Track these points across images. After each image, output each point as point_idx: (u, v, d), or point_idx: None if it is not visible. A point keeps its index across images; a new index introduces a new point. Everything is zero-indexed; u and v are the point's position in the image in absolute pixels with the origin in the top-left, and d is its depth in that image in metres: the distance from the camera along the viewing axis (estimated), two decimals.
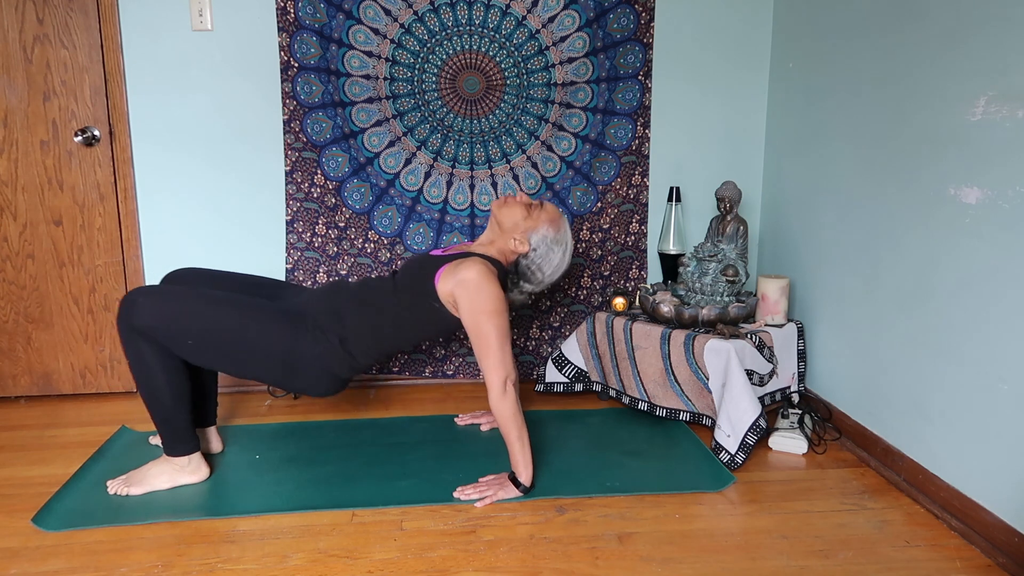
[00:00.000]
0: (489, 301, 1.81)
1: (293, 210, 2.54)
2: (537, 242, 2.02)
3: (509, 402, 1.81)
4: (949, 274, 1.76)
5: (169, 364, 1.79)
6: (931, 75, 1.81)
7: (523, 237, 2.01)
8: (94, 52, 2.41)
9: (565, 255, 2.07)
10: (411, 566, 1.57)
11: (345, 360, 1.91)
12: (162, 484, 1.88)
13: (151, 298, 1.77)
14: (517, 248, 2.01)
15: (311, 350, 1.86)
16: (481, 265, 1.85)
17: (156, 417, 1.84)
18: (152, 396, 1.81)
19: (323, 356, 1.88)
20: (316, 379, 1.91)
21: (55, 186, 2.48)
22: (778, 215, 2.64)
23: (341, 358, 1.90)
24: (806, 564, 1.58)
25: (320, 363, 1.88)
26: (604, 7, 2.52)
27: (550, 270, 2.06)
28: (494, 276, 1.87)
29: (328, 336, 1.88)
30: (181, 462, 1.89)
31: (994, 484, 1.63)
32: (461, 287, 1.83)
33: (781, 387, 2.33)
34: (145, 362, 1.78)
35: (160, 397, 1.81)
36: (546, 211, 2.04)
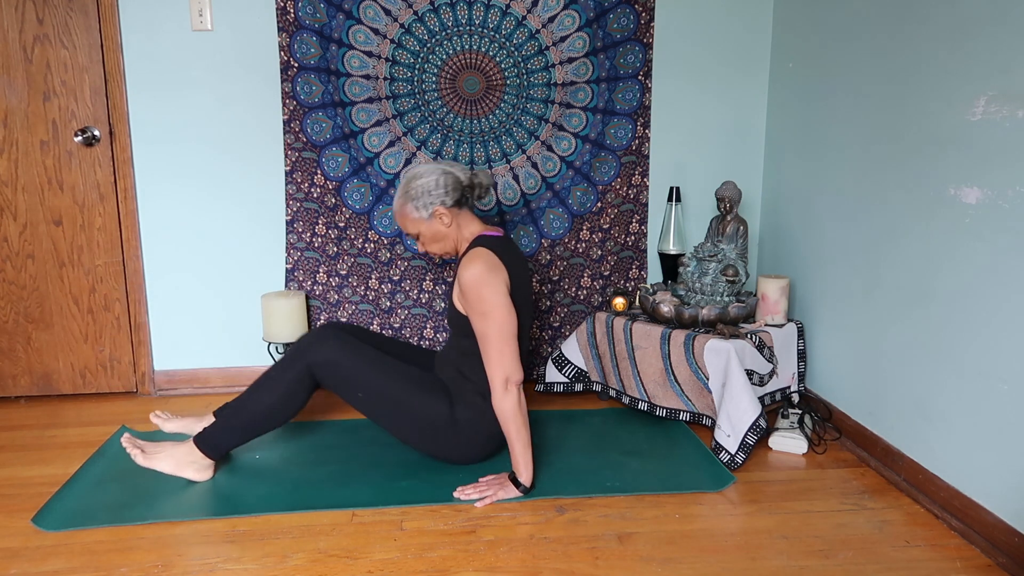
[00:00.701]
0: (486, 300, 1.81)
1: (293, 210, 2.54)
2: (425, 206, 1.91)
3: (510, 402, 1.81)
4: (949, 274, 1.76)
5: (291, 404, 1.89)
6: (931, 75, 1.81)
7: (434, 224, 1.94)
8: (94, 52, 2.41)
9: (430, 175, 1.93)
10: (411, 566, 1.57)
11: (493, 412, 1.93)
12: (167, 468, 1.88)
13: (340, 343, 1.88)
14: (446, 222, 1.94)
15: (466, 414, 1.92)
16: (472, 262, 1.83)
17: (232, 418, 1.88)
18: (251, 404, 1.88)
19: (478, 419, 1.93)
20: (477, 442, 1.96)
21: (55, 186, 2.48)
22: (778, 215, 2.64)
23: (490, 412, 1.93)
24: (806, 564, 1.58)
25: (477, 427, 1.93)
26: (604, 7, 2.52)
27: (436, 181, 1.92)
28: (489, 267, 1.83)
29: (472, 397, 1.93)
30: (199, 457, 1.89)
31: (994, 484, 1.63)
32: (462, 290, 1.85)
33: (781, 387, 2.33)
34: (282, 383, 1.87)
35: (255, 412, 1.88)
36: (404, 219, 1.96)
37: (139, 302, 2.58)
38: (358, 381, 1.89)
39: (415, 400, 1.91)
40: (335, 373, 1.87)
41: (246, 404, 1.88)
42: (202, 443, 1.88)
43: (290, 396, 1.88)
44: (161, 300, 2.60)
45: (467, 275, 1.82)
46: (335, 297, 2.60)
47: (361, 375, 1.88)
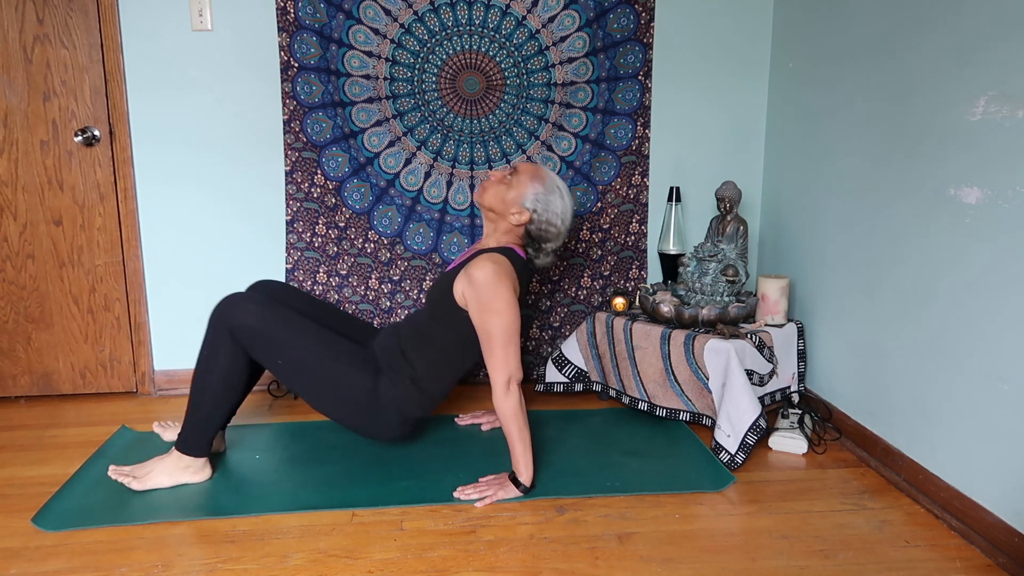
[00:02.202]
0: (495, 300, 1.81)
1: (293, 210, 2.54)
2: (532, 203, 1.96)
3: (512, 402, 1.81)
4: (949, 274, 1.76)
5: (234, 371, 1.85)
6: (931, 75, 1.81)
7: (518, 208, 1.96)
8: (94, 52, 2.41)
9: (564, 198, 2.00)
10: (411, 566, 1.57)
11: (418, 399, 1.95)
12: (165, 482, 1.88)
13: (260, 307, 1.84)
14: (519, 220, 1.97)
15: (389, 393, 1.92)
16: (489, 263, 1.84)
17: (192, 415, 1.86)
18: (201, 391, 1.85)
19: (399, 399, 1.93)
20: (389, 423, 1.96)
21: (55, 186, 2.48)
22: (778, 215, 2.64)
23: (415, 397, 1.94)
24: (806, 564, 1.58)
25: (396, 406, 1.93)
26: (604, 7, 2.52)
27: (559, 219, 1.99)
28: (504, 272, 1.85)
29: (402, 377, 1.93)
30: (189, 461, 1.89)
31: (994, 484, 1.63)
32: (470, 287, 1.84)
33: (781, 387, 2.33)
34: (214, 358, 1.83)
35: (207, 396, 1.85)
36: (522, 172, 1.98)
37: (139, 302, 2.58)
38: (277, 347, 1.83)
39: (336, 369, 1.88)
40: (254, 338, 1.82)
41: (197, 394, 1.85)
42: (183, 447, 1.88)
43: (232, 369, 1.84)
44: (161, 300, 2.60)
45: (485, 272, 1.82)
46: (335, 297, 2.60)
47: (281, 340, 1.83)
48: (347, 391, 1.90)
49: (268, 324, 1.83)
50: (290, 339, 1.85)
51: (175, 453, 1.89)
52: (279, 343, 1.84)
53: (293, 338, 1.85)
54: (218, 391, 1.85)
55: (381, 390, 1.91)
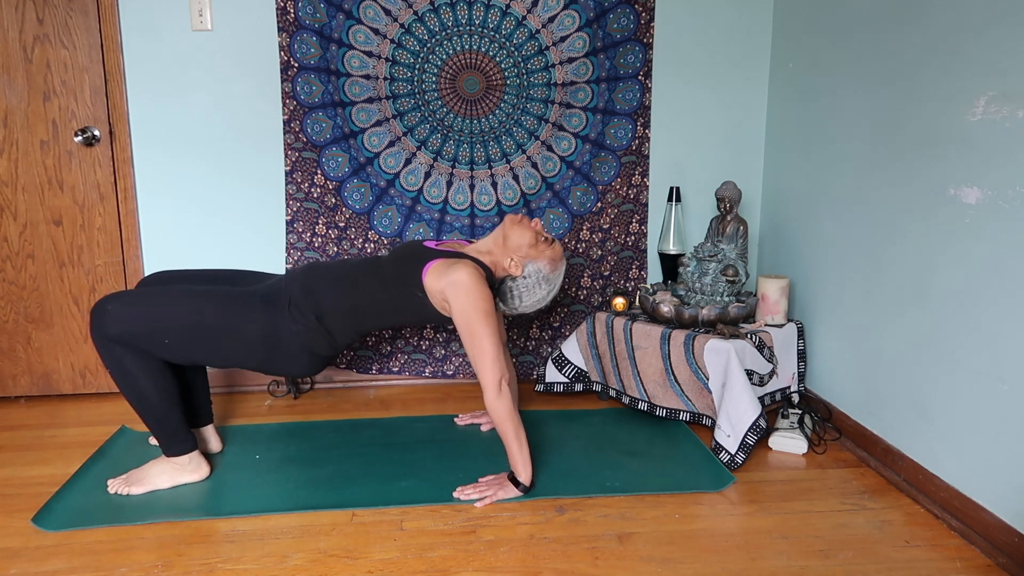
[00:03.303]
0: (480, 303, 1.82)
1: (293, 210, 2.54)
2: (531, 272, 2.02)
3: (505, 402, 1.81)
4: (949, 274, 1.76)
5: (151, 366, 1.79)
6: (931, 75, 1.81)
7: (520, 261, 2.00)
8: (94, 52, 2.41)
9: (548, 295, 2.07)
10: (411, 566, 1.57)
11: (323, 337, 1.91)
12: (163, 483, 1.89)
13: (120, 303, 1.77)
14: (511, 269, 2.01)
15: (288, 328, 1.86)
16: (473, 268, 1.86)
17: (148, 421, 1.84)
18: (140, 401, 1.81)
19: (301, 334, 1.88)
20: (296, 358, 1.91)
21: (55, 186, 2.48)
22: (778, 215, 2.64)
23: (319, 335, 1.90)
24: (806, 564, 1.58)
25: (299, 340, 1.88)
26: (604, 7, 2.52)
27: (528, 303, 2.07)
28: (484, 280, 1.88)
29: (304, 314, 1.87)
30: (181, 461, 1.89)
31: (994, 484, 1.63)
32: (453, 288, 1.83)
33: (781, 387, 2.33)
34: (126, 368, 1.77)
35: (148, 401, 1.81)
36: (553, 249, 2.04)
37: None
38: (156, 330, 1.76)
39: (224, 320, 1.81)
40: (131, 336, 1.74)
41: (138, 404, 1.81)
42: (166, 452, 1.88)
43: (145, 366, 1.77)
44: None
45: (464, 275, 1.83)
46: None
47: (154, 322, 1.76)
48: (243, 334, 1.83)
49: (133, 314, 1.76)
50: (162, 315, 1.77)
51: (164, 458, 1.90)
52: (154, 325, 1.76)
53: (165, 312, 1.78)
54: (153, 389, 1.80)
55: (282, 326, 1.85)
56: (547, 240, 2.04)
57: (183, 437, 1.89)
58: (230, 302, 1.85)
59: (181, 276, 2.02)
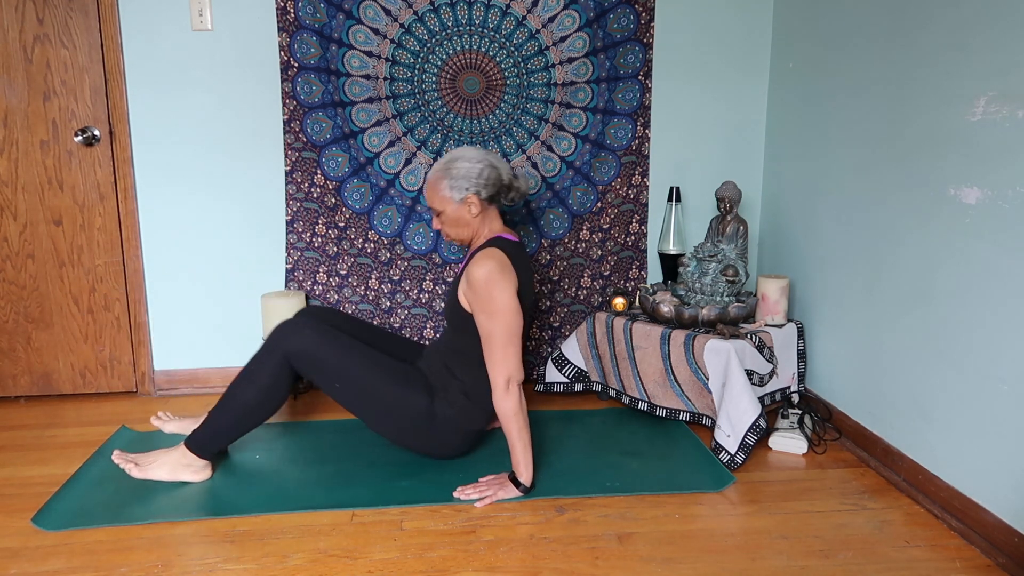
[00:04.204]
0: (495, 300, 1.81)
1: (293, 210, 2.54)
2: (460, 192, 1.92)
3: (512, 402, 1.81)
4: (949, 274, 1.76)
5: (274, 391, 1.87)
6: (931, 75, 1.81)
7: (461, 209, 1.93)
8: (94, 52, 2.41)
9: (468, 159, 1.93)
10: (411, 566, 1.57)
11: (475, 411, 1.96)
12: (164, 475, 1.89)
13: (316, 333, 1.87)
14: (475, 210, 1.94)
15: (446, 412, 1.93)
16: (486, 260, 1.83)
17: (217, 420, 1.88)
18: (233, 400, 1.87)
19: (458, 416, 1.94)
20: (453, 438, 1.98)
21: (55, 186, 2.48)
22: (778, 215, 2.64)
23: (472, 411, 1.96)
24: (806, 564, 1.58)
25: (455, 423, 1.95)
26: (604, 7, 2.52)
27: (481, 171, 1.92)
28: (503, 268, 1.83)
29: (455, 395, 1.94)
30: (193, 459, 1.90)
31: (994, 484, 1.63)
32: (471, 287, 1.84)
33: (781, 387, 2.33)
34: (258, 374, 1.86)
35: (238, 408, 1.87)
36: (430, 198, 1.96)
37: (139, 302, 2.58)
38: (335, 371, 1.87)
39: (392, 392, 1.90)
40: (311, 363, 1.86)
41: (230, 401, 1.88)
42: (193, 445, 1.89)
43: (272, 388, 1.87)
44: (161, 300, 2.60)
45: (479, 272, 1.82)
46: (335, 297, 2.60)
47: (338, 365, 1.87)
48: (405, 412, 1.92)
49: (323, 349, 1.86)
50: (346, 364, 1.87)
51: (182, 448, 1.89)
52: (335, 368, 1.87)
53: (348, 363, 1.88)
54: (251, 405, 1.87)
55: (438, 410, 1.93)
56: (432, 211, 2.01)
57: (218, 448, 1.93)
58: (401, 379, 1.92)
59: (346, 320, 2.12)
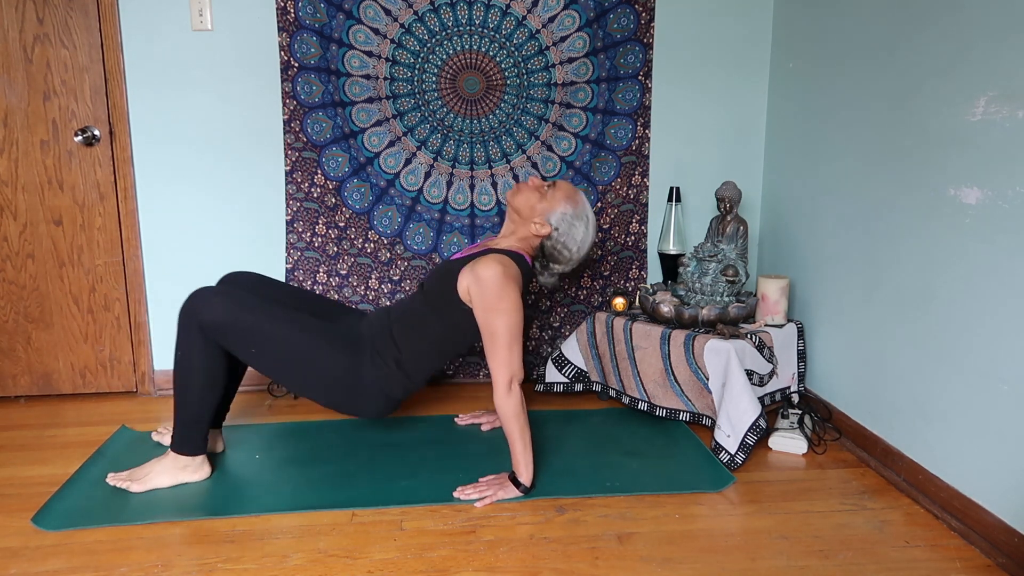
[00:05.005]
0: (501, 299, 1.81)
1: (293, 210, 2.54)
2: (557, 221, 2.00)
3: (513, 401, 1.81)
4: (949, 274, 1.76)
5: (213, 369, 1.84)
6: (931, 75, 1.81)
7: (542, 220, 2.00)
8: (94, 52, 2.41)
9: (588, 228, 2.04)
10: (411, 566, 1.57)
11: (402, 381, 1.95)
12: (165, 482, 1.89)
13: (226, 299, 1.82)
14: (539, 232, 2.00)
15: (371, 374, 1.91)
16: (496, 263, 1.84)
17: (179, 413, 1.86)
18: (184, 392, 1.85)
19: (382, 380, 1.92)
20: (374, 401, 1.95)
21: (55, 186, 2.48)
22: (778, 215, 2.64)
23: (399, 380, 1.94)
24: (806, 564, 1.58)
25: (378, 386, 1.93)
26: (604, 7, 2.52)
27: (575, 246, 2.04)
28: (511, 274, 1.85)
29: (386, 360, 1.92)
30: (185, 460, 1.89)
31: (994, 484, 1.63)
32: (476, 284, 1.84)
33: (781, 387, 2.33)
34: (191, 358, 1.82)
35: (191, 396, 1.84)
36: (560, 189, 2.02)
37: (139, 302, 2.58)
38: (249, 336, 1.82)
39: (311, 351, 1.86)
40: (224, 331, 1.80)
41: (181, 393, 1.85)
42: (177, 447, 1.89)
43: (209, 365, 1.83)
44: (161, 300, 2.60)
45: (491, 272, 1.82)
46: (335, 297, 2.60)
47: (251, 330, 1.81)
48: (326, 371, 1.88)
49: (235, 315, 1.80)
50: (260, 327, 1.82)
51: (171, 454, 1.89)
52: (249, 332, 1.81)
53: (263, 325, 1.83)
54: (201, 388, 1.84)
55: (364, 370, 1.90)
56: (552, 185, 2.03)
57: (199, 441, 1.90)
58: (323, 339, 1.88)
59: (266, 283, 2.07)
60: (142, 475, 1.89)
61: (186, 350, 1.82)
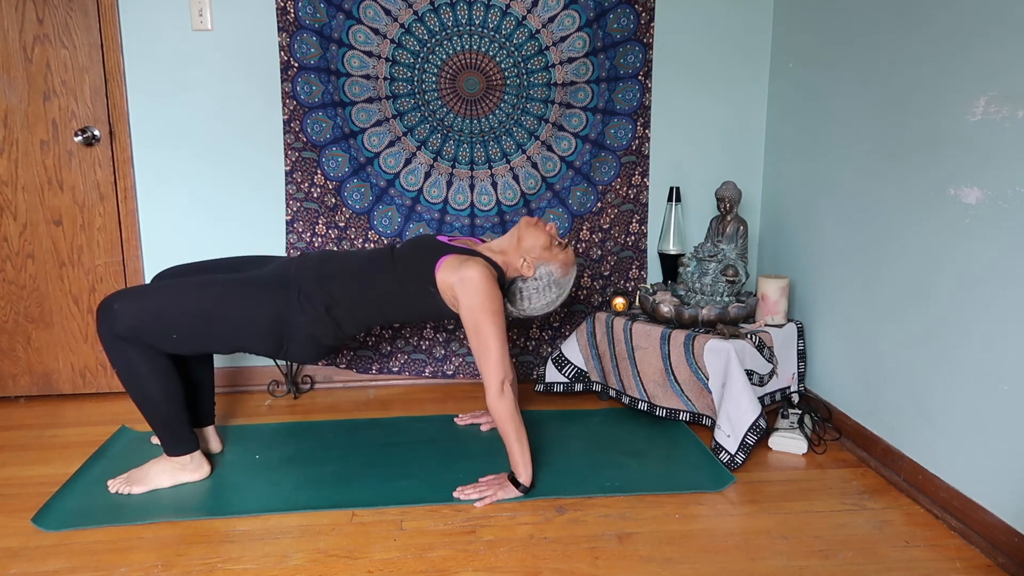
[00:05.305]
0: (490, 302, 1.82)
1: (293, 210, 2.54)
2: (542, 274, 2.02)
3: (507, 402, 1.82)
4: (949, 274, 1.76)
5: (158, 366, 1.80)
6: (931, 75, 1.81)
7: (532, 263, 2.00)
8: (94, 52, 2.41)
9: (557, 299, 2.07)
10: (411, 566, 1.57)
11: (330, 327, 1.91)
12: (164, 483, 1.89)
13: (127, 300, 1.77)
14: (523, 270, 2.01)
15: (297, 317, 1.87)
16: (484, 267, 1.86)
17: (152, 420, 1.85)
18: (145, 400, 1.81)
19: (308, 324, 1.88)
20: (302, 346, 1.92)
21: (55, 186, 2.48)
22: (778, 215, 2.64)
23: (327, 325, 1.90)
24: (806, 564, 1.58)
25: (305, 330, 1.89)
26: (604, 7, 2.52)
27: (537, 305, 2.06)
28: (495, 279, 1.88)
29: (314, 303, 1.87)
30: (182, 461, 1.89)
31: (994, 484, 1.63)
32: (463, 285, 1.83)
33: (781, 387, 2.33)
34: (133, 368, 1.78)
35: (153, 401, 1.81)
36: (565, 253, 2.04)
37: None
38: (161, 323, 1.76)
39: (225, 305, 1.81)
40: (139, 333, 1.75)
41: (144, 404, 1.81)
42: (168, 450, 1.89)
43: (149, 364, 1.78)
44: None
45: (481, 276, 1.82)
46: None
47: (159, 315, 1.76)
48: (246, 320, 1.83)
49: (137, 310, 1.75)
50: (169, 308, 1.78)
51: (166, 457, 1.90)
52: (158, 319, 1.76)
53: (172, 304, 1.78)
54: (159, 389, 1.80)
55: (289, 312, 1.85)
56: (561, 244, 2.03)
57: (185, 437, 1.89)
58: (237, 288, 1.84)
59: (189, 269, 2.02)
60: (141, 477, 1.89)
61: (123, 363, 1.77)
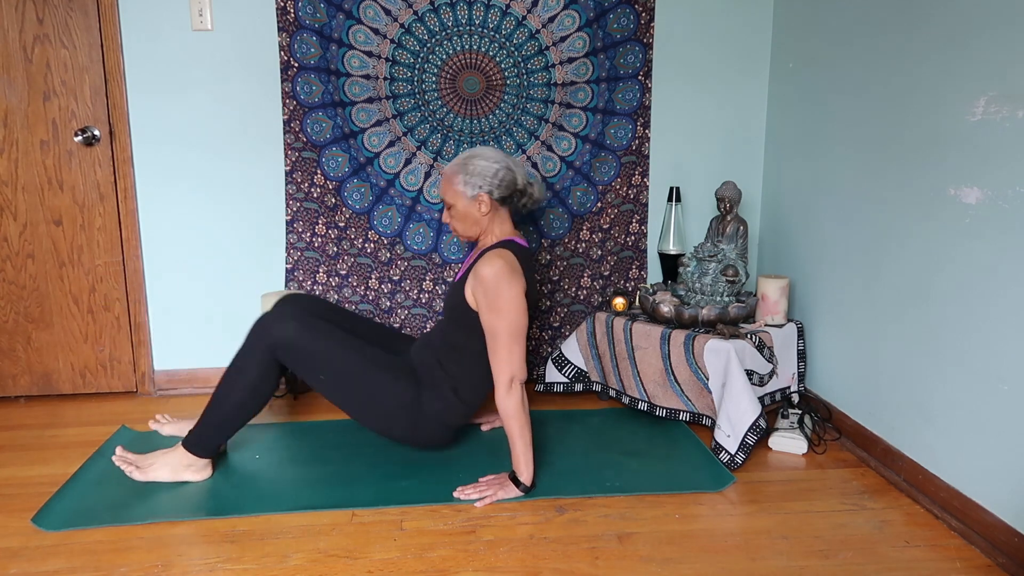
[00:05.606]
0: (502, 299, 1.82)
1: (293, 210, 2.54)
2: (474, 189, 1.93)
3: (514, 400, 1.82)
4: (949, 274, 1.76)
5: (262, 389, 1.87)
6: (931, 75, 1.81)
7: (472, 205, 1.95)
8: (94, 52, 2.41)
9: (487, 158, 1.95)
10: (411, 566, 1.57)
11: (460, 408, 1.98)
12: (165, 476, 1.89)
13: (302, 324, 1.86)
14: (486, 209, 1.95)
15: (433, 405, 1.94)
16: (496, 258, 1.84)
17: (210, 416, 1.88)
18: (225, 400, 1.87)
19: (444, 412, 1.96)
20: (436, 432, 2.00)
21: (55, 186, 2.48)
22: (778, 215, 2.64)
23: (458, 408, 1.97)
24: (806, 564, 1.58)
25: (441, 419, 1.97)
26: (604, 7, 2.52)
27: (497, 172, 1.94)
28: (512, 268, 1.85)
29: (443, 391, 1.95)
30: (193, 460, 1.90)
31: (994, 484, 1.63)
32: (479, 284, 1.84)
33: (781, 387, 2.33)
34: (246, 373, 1.85)
35: (232, 406, 1.87)
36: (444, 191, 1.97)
37: (139, 302, 2.58)
38: (319, 362, 1.87)
39: (378, 381, 1.90)
40: (295, 354, 1.86)
41: (221, 399, 1.87)
42: (190, 445, 1.89)
43: (260, 381, 1.86)
44: (161, 300, 2.60)
45: (489, 270, 1.82)
46: (335, 297, 2.60)
47: (322, 356, 1.87)
48: (389, 403, 1.92)
49: (307, 340, 1.85)
50: (330, 354, 1.87)
51: (180, 450, 1.90)
52: (319, 358, 1.87)
53: (333, 353, 1.87)
54: (242, 400, 1.87)
55: (424, 402, 1.94)
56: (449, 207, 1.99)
57: (215, 446, 1.92)
58: (388, 371, 1.92)
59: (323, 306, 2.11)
60: (146, 464, 1.90)
61: (245, 361, 1.86)
